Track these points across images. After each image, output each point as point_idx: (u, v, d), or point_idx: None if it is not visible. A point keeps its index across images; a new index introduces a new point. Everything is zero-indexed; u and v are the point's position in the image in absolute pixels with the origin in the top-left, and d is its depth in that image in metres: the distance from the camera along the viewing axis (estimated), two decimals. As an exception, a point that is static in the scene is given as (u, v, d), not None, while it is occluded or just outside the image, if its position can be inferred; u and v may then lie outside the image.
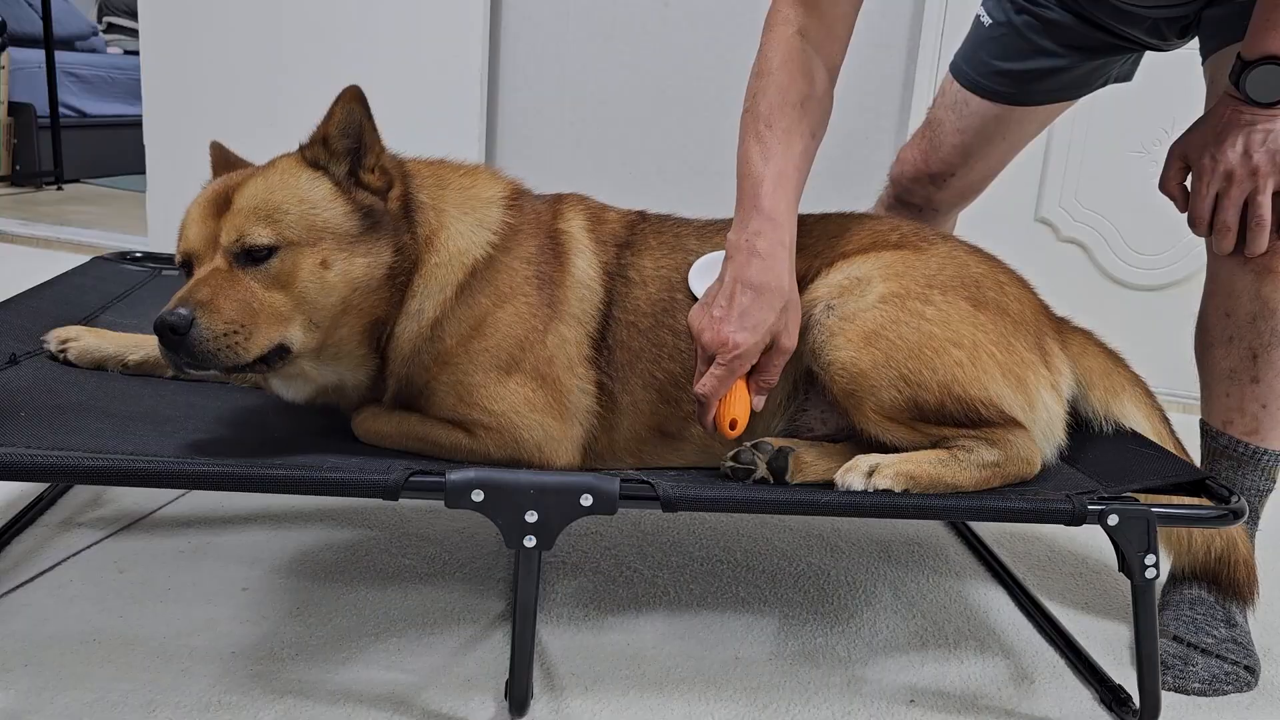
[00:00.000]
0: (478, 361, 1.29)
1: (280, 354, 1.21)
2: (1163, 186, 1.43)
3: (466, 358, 1.29)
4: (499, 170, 1.46)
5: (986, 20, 1.75)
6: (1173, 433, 1.47)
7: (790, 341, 1.28)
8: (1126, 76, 1.78)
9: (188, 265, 1.23)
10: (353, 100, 1.24)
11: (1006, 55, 1.71)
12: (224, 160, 1.38)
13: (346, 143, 1.25)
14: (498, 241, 1.34)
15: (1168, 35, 1.59)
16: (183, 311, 1.12)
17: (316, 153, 1.26)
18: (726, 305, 1.25)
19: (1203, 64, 1.54)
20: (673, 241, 1.43)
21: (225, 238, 1.19)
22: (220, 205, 1.22)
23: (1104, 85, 1.77)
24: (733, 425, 1.26)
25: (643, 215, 1.48)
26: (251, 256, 1.19)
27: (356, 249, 1.24)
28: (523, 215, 1.38)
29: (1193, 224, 1.41)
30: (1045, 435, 1.33)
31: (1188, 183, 1.41)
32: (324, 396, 1.34)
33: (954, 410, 1.26)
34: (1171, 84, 1.99)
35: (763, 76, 1.34)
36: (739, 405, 1.27)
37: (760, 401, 1.30)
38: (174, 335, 1.12)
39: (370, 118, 1.25)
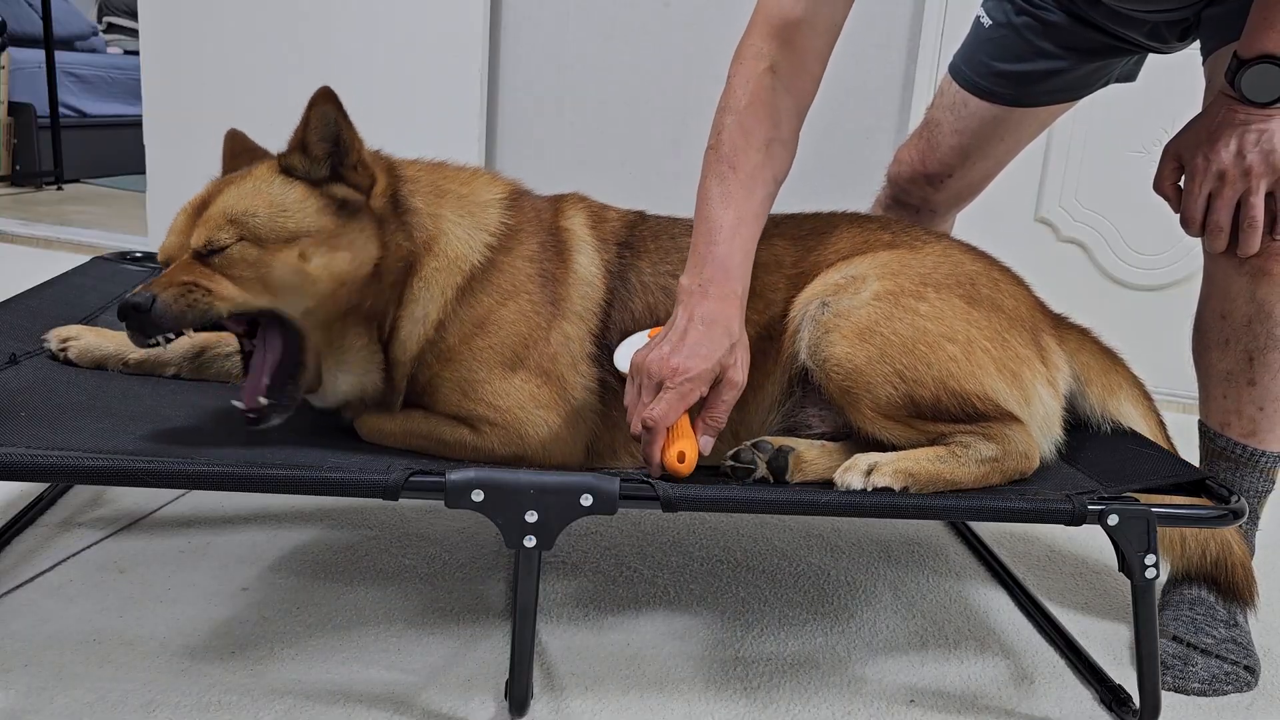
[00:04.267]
0: (482, 358, 1.29)
1: (296, 351, 1.24)
2: (1156, 186, 1.43)
3: (471, 354, 1.29)
4: (498, 173, 1.46)
5: (986, 21, 1.75)
6: (1167, 435, 1.47)
7: (740, 377, 1.24)
8: (1130, 77, 1.77)
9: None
10: (325, 101, 1.22)
11: (1006, 57, 1.71)
12: (234, 151, 1.38)
13: (325, 146, 1.25)
14: (495, 243, 1.34)
15: (1168, 38, 1.59)
16: (144, 294, 1.16)
17: (293, 160, 1.25)
18: (677, 341, 1.21)
19: (1203, 63, 1.53)
20: (669, 244, 1.43)
21: (195, 241, 1.21)
22: (199, 214, 1.23)
23: (1105, 86, 1.77)
24: (681, 459, 1.18)
25: (642, 216, 1.49)
26: (215, 251, 1.20)
27: (338, 243, 1.24)
28: (522, 215, 1.38)
29: (1185, 224, 1.40)
30: (1043, 430, 1.33)
31: (1182, 182, 1.41)
32: (347, 408, 1.34)
33: (950, 405, 1.26)
34: (1171, 84, 1.98)
35: (729, 113, 1.32)
36: (686, 439, 1.20)
37: (709, 444, 1.23)
38: (138, 314, 1.15)
39: (345, 116, 1.24)
